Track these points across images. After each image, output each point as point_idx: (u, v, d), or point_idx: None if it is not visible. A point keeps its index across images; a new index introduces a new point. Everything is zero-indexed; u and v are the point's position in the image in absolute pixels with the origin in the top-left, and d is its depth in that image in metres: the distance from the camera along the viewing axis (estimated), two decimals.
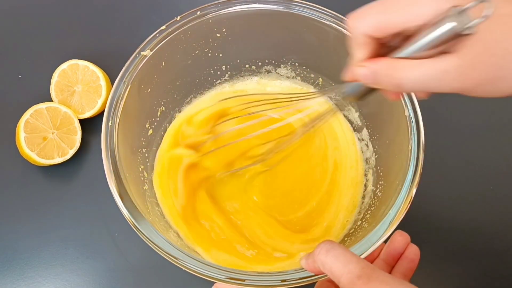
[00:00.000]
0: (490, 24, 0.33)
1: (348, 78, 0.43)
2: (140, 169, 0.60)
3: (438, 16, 0.34)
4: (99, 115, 0.71)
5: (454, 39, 0.34)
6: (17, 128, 0.66)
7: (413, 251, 0.51)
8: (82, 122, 0.70)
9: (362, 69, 0.39)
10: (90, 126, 0.71)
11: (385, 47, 0.39)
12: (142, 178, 0.59)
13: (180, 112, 0.69)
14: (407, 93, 0.54)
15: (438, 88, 0.36)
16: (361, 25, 0.37)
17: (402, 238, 0.52)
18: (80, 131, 0.69)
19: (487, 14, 0.32)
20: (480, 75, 0.34)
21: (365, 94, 0.44)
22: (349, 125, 0.69)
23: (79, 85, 0.71)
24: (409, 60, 0.36)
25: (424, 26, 0.35)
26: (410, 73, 0.36)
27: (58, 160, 0.67)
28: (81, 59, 0.71)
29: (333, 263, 0.40)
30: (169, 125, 0.67)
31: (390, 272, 0.51)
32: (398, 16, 0.35)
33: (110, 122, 0.53)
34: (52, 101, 0.70)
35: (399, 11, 0.35)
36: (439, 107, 0.71)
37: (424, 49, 0.35)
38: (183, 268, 0.46)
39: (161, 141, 0.66)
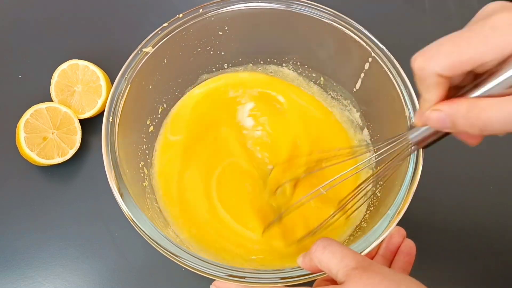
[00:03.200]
0: None
1: (417, 123, 0.40)
2: (140, 165, 0.59)
3: None
4: (99, 115, 0.71)
5: None
6: (17, 128, 0.66)
7: (408, 245, 0.52)
8: (82, 122, 0.70)
9: (437, 113, 0.35)
10: (90, 126, 0.71)
11: (453, 87, 0.35)
12: (142, 175, 0.59)
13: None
14: (489, 135, 0.51)
15: None
16: (433, 64, 0.33)
17: (399, 232, 0.53)
18: (80, 131, 0.69)
19: None
20: None
21: (434, 141, 0.40)
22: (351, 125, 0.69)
23: (79, 85, 0.71)
24: (493, 98, 0.32)
25: (507, 59, 0.31)
26: (497, 113, 0.31)
27: (58, 160, 0.66)
28: (81, 59, 0.71)
29: (330, 259, 0.40)
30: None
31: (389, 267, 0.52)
32: (475, 50, 0.31)
33: (111, 118, 0.53)
34: (52, 101, 0.70)
35: (476, 44, 0.31)
36: None
37: (510, 85, 0.31)
38: (182, 265, 0.46)
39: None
